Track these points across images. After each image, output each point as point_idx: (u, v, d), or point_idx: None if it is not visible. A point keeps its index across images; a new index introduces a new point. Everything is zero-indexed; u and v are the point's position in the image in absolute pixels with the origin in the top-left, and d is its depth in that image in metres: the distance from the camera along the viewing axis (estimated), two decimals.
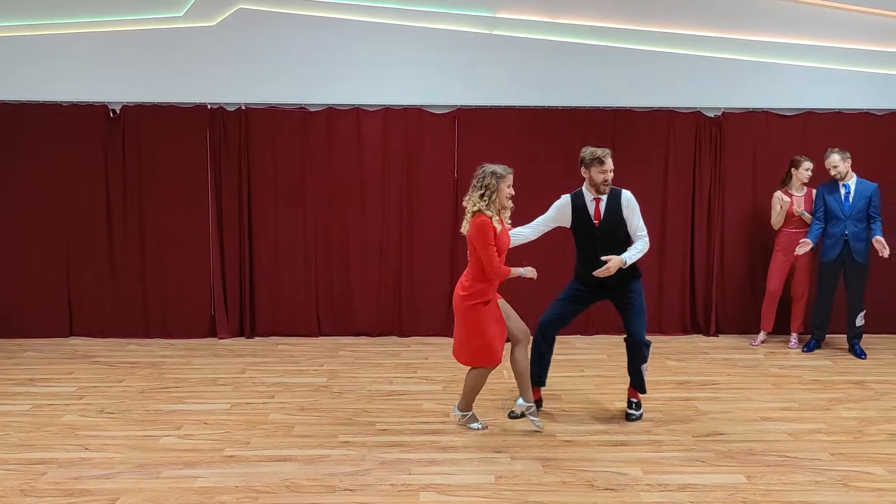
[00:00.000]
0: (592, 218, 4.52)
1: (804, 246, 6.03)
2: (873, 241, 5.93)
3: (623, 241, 4.52)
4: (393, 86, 6.61)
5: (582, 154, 4.53)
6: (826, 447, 4.22)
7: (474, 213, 4.23)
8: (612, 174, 4.48)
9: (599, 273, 4.39)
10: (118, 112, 6.53)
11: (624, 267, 4.42)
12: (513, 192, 4.34)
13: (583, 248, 4.61)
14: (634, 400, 4.73)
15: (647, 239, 4.58)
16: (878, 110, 6.75)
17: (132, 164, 6.57)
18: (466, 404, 4.52)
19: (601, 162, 4.43)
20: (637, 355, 4.60)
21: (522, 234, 4.66)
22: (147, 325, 6.71)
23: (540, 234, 4.71)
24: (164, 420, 4.64)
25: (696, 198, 6.79)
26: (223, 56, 6.52)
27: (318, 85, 6.58)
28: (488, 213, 4.21)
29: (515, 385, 4.65)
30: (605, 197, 4.50)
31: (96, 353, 6.21)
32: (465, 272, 4.39)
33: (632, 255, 4.47)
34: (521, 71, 6.63)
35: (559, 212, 4.62)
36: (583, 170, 4.52)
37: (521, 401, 4.53)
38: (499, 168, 4.28)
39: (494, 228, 4.21)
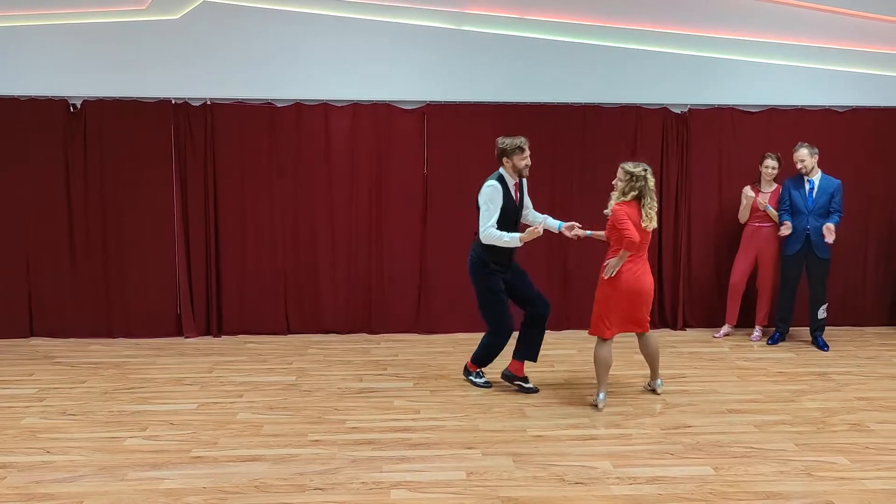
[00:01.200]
0: (514, 201, 4.92)
1: (785, 229, 6.15)
2: (823, 227, 6.04)
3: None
4: (361, 81, 6.55)
5: (502, 144, 4.88)
6: (790, 438, 4.30)
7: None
8: (530, 159, 4.92)
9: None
10: (79, 107, 6.38)
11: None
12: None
13: (507, 229, 4.86)
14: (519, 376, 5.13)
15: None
16: (839, 107, 6.89)
17: (94, 161, 6.42)
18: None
19: (522, 150, 4.84)
20: (548, 313, 5.10)
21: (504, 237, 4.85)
22: (110, 324, 6.57)
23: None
24: (129, 421, 4.55)
25: (664, 193, 6.86)
26: (188, 50, 6.40)
27: (286, 80, 6.50)
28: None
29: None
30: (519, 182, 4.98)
31: (57, 353, 6.07)
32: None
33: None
34: (489, 67, 6.63)
35: (497, 195, 4.82)
36: (504, 159, 4.87)
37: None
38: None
39: None
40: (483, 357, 5.20)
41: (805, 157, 6.14)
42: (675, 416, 4.66)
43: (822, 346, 6.29)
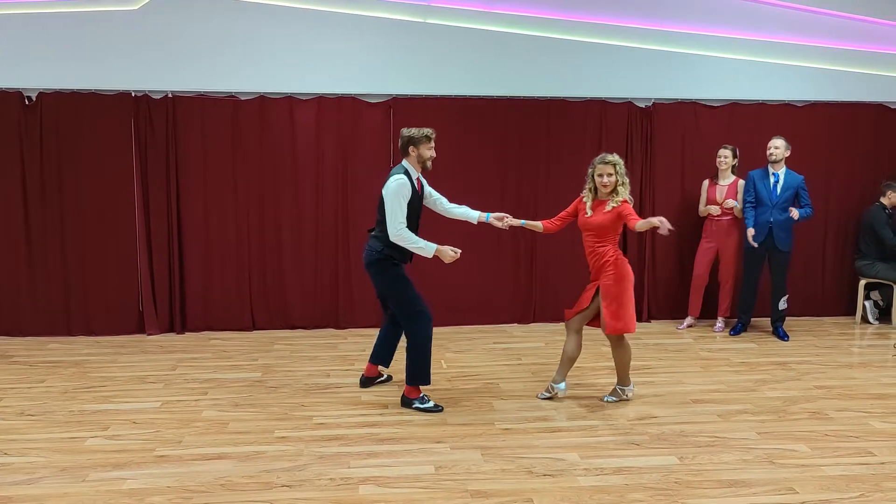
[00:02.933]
0: (418, 194, 4.69)
1: (751, 237, 6.29)
2: (791, 209, 6.19)
3: None
4: (326, 74, 6.49)
5: (408, 133, 4.63)
6: (753, 427, 4.37)
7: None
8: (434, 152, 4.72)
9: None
10: (34, 99, 6.21)
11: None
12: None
13: (411, 223, 4.62)
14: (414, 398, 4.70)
15: None
16: (798, 102, 7.02)
17: (50, 155, 6.26)
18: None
19: (429, 139, 4.63)
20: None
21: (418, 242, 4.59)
22: (69, 322, 6.43)
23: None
24: (90, 421, 4.46)
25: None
26: (148, 41, 6.27)
27: (249, 73, 6.41)
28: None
29: (453, 376, 4.64)
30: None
31: (14, 352, 5.91)
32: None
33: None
34: (455, 60, 6.61)
35: (405, 191, 4.54)
36: (411, 148, 4.61)
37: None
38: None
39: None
40: (417, 368, 4.62)
41: (780, 145, 6.27)
42: (640, 406, 4.72)
43: (783, 337, 6.42)
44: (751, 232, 6.29)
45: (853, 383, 5.21)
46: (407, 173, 4.61)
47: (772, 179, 6.31)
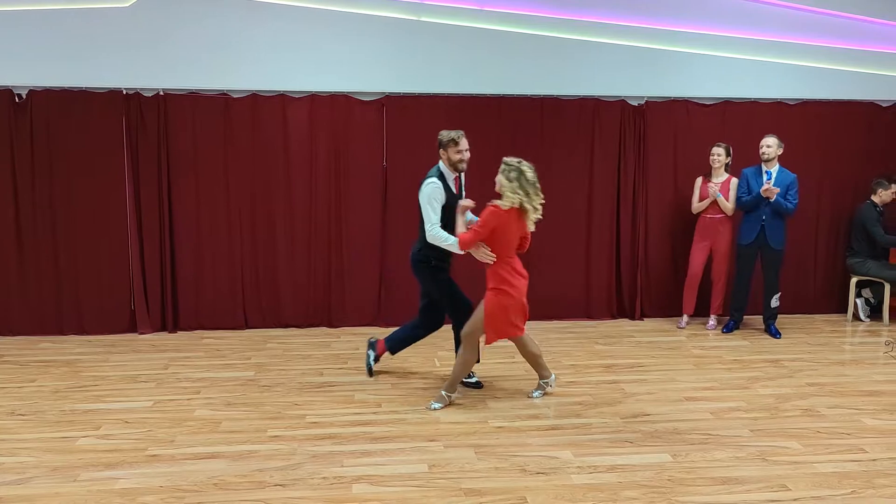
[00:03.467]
0: (455, 195, 4.80)
1: (770, 192, 6.21)
2: (764, 188, 6.17)
3: None
4: (319, 72, 6.47)
5: (439, 136, 4.78)
6: (745, 424, 4.39)
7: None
8: (468, 154, 4.80)
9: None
10: (24, 97, 6.17)
11: None
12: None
13: (447, 224, 4.67)
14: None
15: None
16: (790, 100, 7.04)
17: (41, 153, 6.22)
18: None
19: (456, 143, 4.72)
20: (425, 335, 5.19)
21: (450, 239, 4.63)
22: (61, 321, 6.39)
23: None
24: (82, 420, 4.43)
25: (622, 184, 6.94)
26: (139, 39, 6.24)
27: (241, 70, 6.38)
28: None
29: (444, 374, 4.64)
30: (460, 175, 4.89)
31: (5, 351, 5.88)
32: None
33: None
34: (449, 58, 6.60)
35: (439, 194, 4.68)
36: (441, 151, 4.78)
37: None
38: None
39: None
40: (458, 376, 4.74)
41: (772, 143, 6.29)
42: (633, 404, 4.73)
43: (775, 334, 6.44)
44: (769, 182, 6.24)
45: (845, 380, 5.23)
46: (441, 175, 4.75)
47: (765, 177, 6.33)
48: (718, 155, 6.50)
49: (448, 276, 4.92)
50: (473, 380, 5.08)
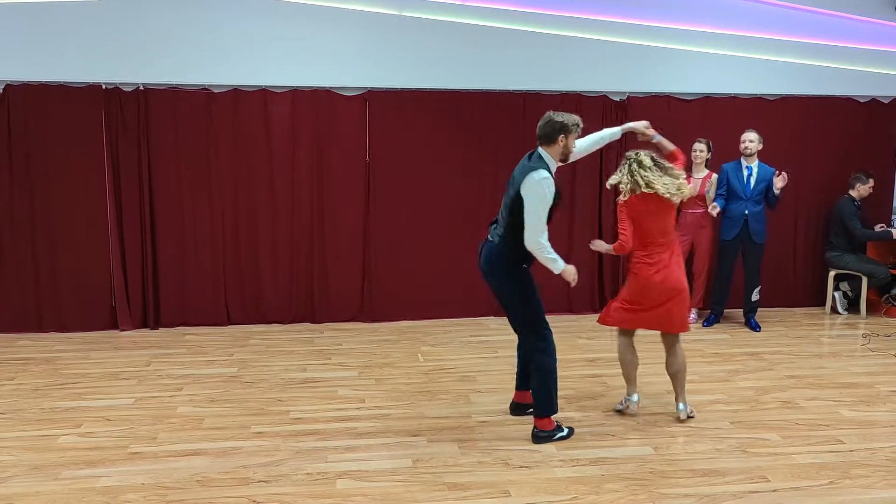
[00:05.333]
0: (559, 191, 3.98)
1: (712, 210, 6.33)
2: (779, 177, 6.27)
3: None
4: (301, 67, 6.44)
5: (561, 120, 3.91)
6: (726, 416, 4.44)
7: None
8: None
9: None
10: (1, 91, 6.08)
11: None
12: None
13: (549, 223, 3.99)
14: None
15: None
16: (770, 95, 7.11)
17: (19, 148, 6.14)
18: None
19: (580, 127, 3.99)
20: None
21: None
22: (40, 318, 6.32)
23: None
24: (62, 418, 4.40)
25: (603, 179, 6.94)
26: (118, 32, 6.17)
27: (222, 65, 6.33)
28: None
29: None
30: None
31: None
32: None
33: None
34: (431, 53, 6.59)
35: (549, 192, 3.86)
36: (561, 137, 3.92)
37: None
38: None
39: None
40: (545, 391, 4.04)
41: (753, 138, 6.35)
42: (616, 398, 4.76)
43: (755, 327, 6.51)
44: (715, 205, 6.33)
45: (823, 373, 5.31)
46: (548, 168, 3.89)
47: (745, 172, 6.39)
48: (700, 151, 6.55)
49: (534, 283, 4.08)
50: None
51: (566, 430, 4.14)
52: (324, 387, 4.97)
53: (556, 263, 3.94)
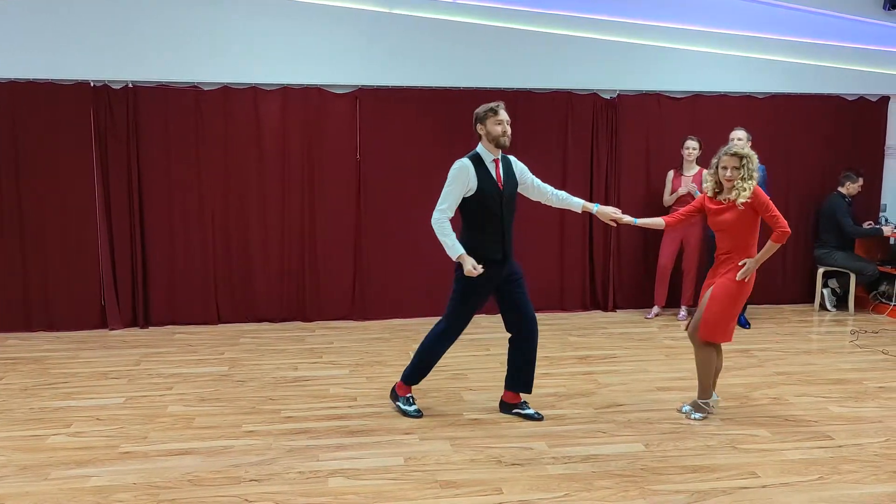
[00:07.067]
0: (497, 182, 4.11)
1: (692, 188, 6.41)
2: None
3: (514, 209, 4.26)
4: (291, 64, 6.42)
5: (477, 110, 4.17)
6: (716, 413, 4.46)
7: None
8: (509, 126, 4.14)
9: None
10: None
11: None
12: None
13: (487, 220, 4.12)
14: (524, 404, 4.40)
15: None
16: (759, 93, 7.15)
17: (6, 146, 6.10)
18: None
19: (495, 112, 4.10)
20: (535, 338, 4.31)
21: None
22: (29, 317, 6.29)
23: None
24: (52, 418, 4.37)
25: (594, 177, 6.99)
26: (107, 29, 6.13)
27: (212, 62, 6.31)
28: None
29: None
30: (500, 158, 4.18)
31: None
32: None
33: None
34: (421, 51, 6.59)
35: (463, 178, 4.06)
36: (479, 126, 4.14)
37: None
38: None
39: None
40: (415, 369, 4.40)
41: (743, 136, 6.37)
42: (607, 395, 4.78)
43: (744, 324, 6.55)
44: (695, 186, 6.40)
45: (812, 369, 5.34)
46: (477, 157, 4.11)
47: None
48: (693, 149, 6.58)
49: (475, 302, 4.20)
50: (530, 411, 4.40)
51: (414, 408, 4.39)
52: (315, 385, 4.97)
53: (451, 248, 4.10)
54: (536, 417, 4.34)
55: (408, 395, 4.45)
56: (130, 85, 6.22)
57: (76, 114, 6.16)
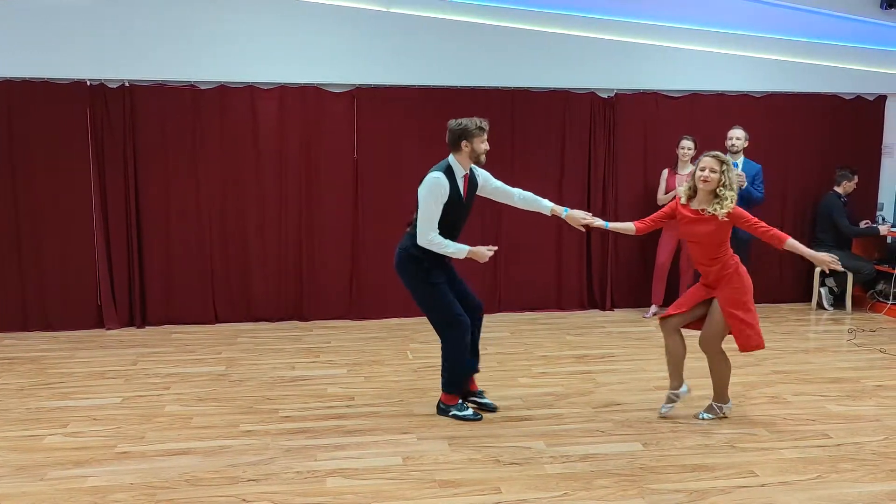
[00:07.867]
0: (462, 194, 4.19)
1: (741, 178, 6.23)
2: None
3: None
4: (289, 63, 6.40)
5: (459, 126, 4.09)
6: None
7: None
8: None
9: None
10: None
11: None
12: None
13: (444, 226, 4.15)
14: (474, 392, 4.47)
15: None
16: (756, 93, 7.15)
17: (2, 146, 6.07)
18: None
19: (483, 131, 4.12)
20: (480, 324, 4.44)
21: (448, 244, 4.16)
22: (25, 317, 6.26)
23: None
24: (48, 418, 4.35)
25: (592, 176, 6.99)
26: (104, 28, 6.11)
27: (209, 61, 6.29)
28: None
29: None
30: (468, 173, 4.23)
31: None
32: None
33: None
34: (419, 50, 6.58)
35: (438, 192, 4.08)
36: (464, 143, 4.10)
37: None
38: None
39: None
40: (453, 375, 4.31)
41: (741, 136, 6.39)
42: (605, 394, 4.78)
43: None
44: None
45: (809, 368, 5.35)
46: (449, 170, 4.12)
47: None
48: (688, 148, 6.58)
49: (441, 280, 4.22)
50: (485, 400, 4.50)
51: (471, 412, 4.34)
52: (313, 385, 4.96)
53: (457, 253, 4.12)
54: (477, 418, 4.32)
55: (458, 403, 4.36)
56: (127, 83, 6.20)
57: (72, 113, 6.14)
